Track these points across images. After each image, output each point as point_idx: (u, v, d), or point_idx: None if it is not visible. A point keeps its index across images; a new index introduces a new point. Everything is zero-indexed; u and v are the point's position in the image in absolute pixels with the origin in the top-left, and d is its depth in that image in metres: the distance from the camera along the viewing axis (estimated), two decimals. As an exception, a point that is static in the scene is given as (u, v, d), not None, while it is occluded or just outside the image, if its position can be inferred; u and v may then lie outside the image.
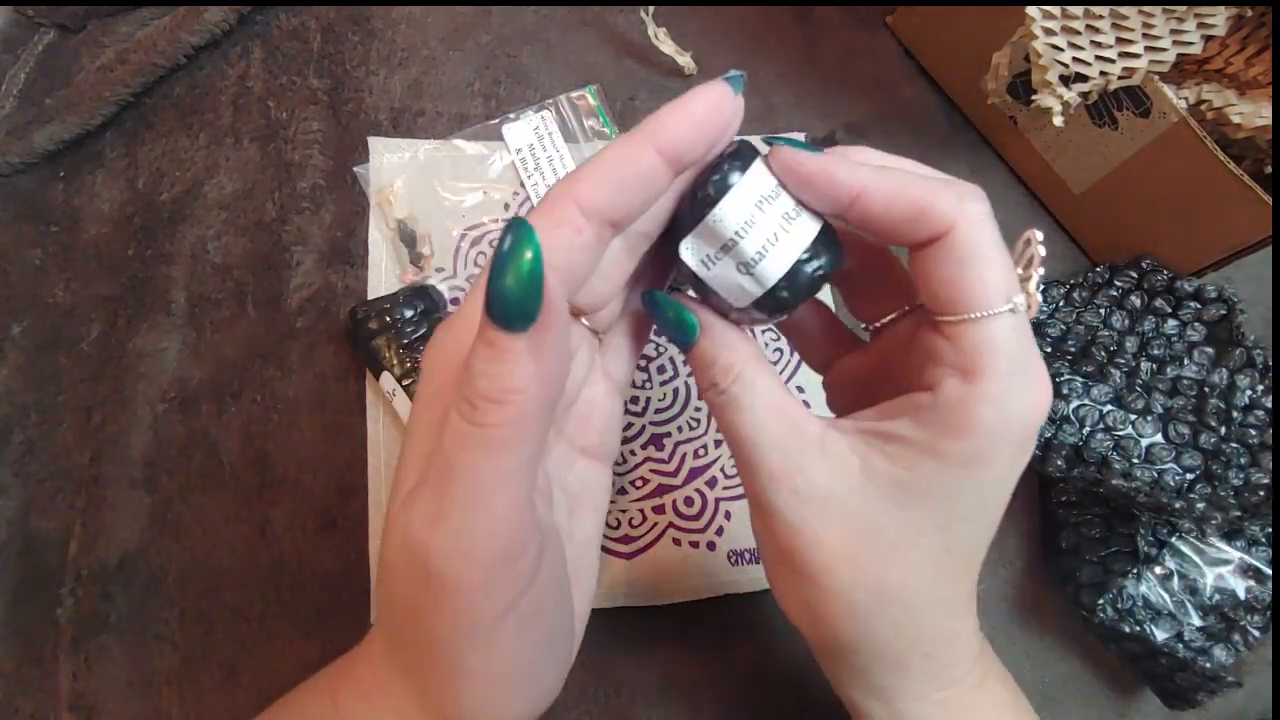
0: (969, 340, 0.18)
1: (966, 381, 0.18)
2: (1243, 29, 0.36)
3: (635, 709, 0.35)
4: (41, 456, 0.37)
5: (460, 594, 0.17)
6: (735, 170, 0.19)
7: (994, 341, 0.18)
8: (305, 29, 0.46)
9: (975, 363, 0.18)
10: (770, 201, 0.20)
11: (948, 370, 0.19)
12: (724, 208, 0.19)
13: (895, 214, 0.19)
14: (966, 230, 0.18)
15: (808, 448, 0.20)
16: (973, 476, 0.19)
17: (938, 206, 0.18)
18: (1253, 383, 0.38)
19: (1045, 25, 0.34)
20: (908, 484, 0.19)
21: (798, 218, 0.20)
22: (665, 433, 0.39)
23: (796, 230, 0.20)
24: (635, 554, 0.36)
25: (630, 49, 0.47)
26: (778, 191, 0.20)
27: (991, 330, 0.18)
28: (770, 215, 0.20)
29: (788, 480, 0.20)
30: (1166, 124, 0.36)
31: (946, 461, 0.19)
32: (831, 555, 0.20)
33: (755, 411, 0.20)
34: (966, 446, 0.19)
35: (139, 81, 0.43)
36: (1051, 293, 0.41)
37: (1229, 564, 0.36)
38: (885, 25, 0.49)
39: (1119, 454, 0.37)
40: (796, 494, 0.20)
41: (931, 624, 0.21)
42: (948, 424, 0.19)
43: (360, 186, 0.42)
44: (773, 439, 0.20)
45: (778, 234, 0.19)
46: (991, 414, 0.18)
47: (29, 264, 0.41)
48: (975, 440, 0.18)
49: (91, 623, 0.34)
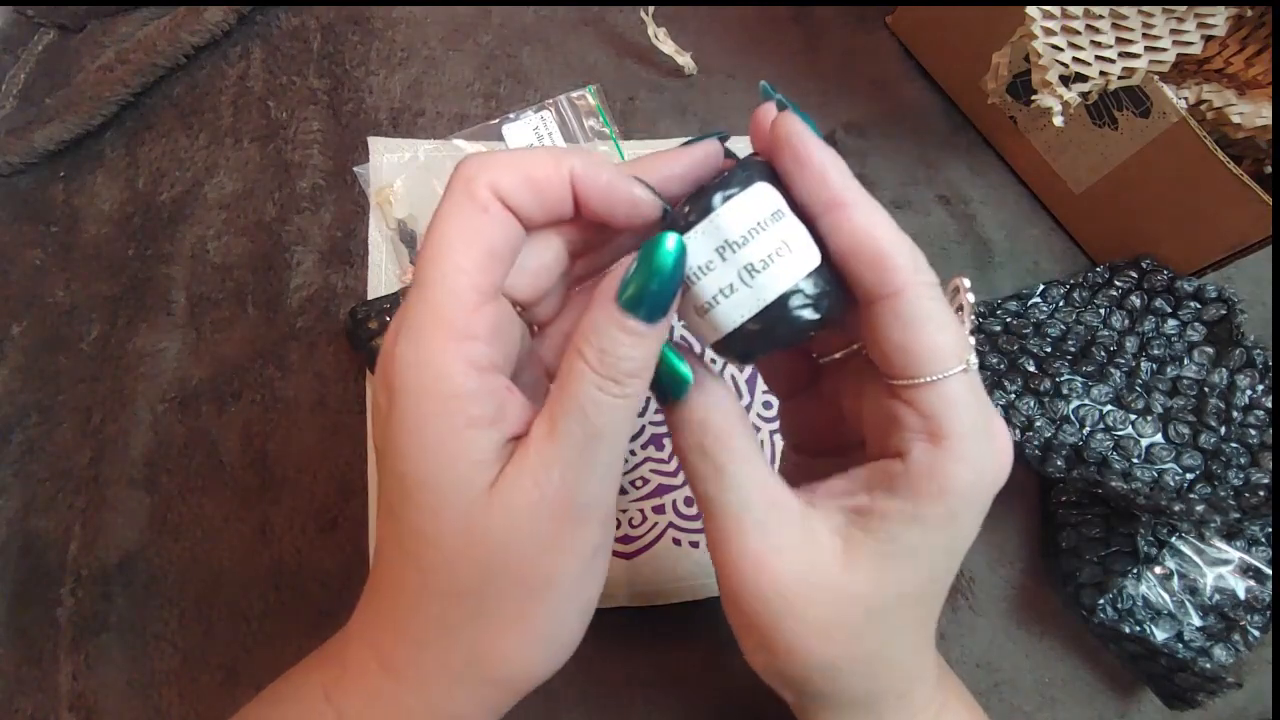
0: (929, 404, 0.19)
1: (934, 445, 0.19)
2: (1243, 29, 0.36)
3: (635, 709, 0.35)
4: (41, 456, 0.37)
5: (589, 533, 0.20)
6: (709, 200, 0.19)
7: (954, 402, 0.18)
8: (305, 29, 0.46)
9: (940, 426, 0.18)
10: (742, 243, 0.19)
11: (914, 435, 0.19)
12: (685, 247, 0.19)
13: (858, 249, 0.18)
14: (914, 294, 0.18)
15: (790, 530, 0.20)
16: (948, 534, 0.19)
17: (898, 262, 0.18)
18: (1253, 383, 0.38)
19: (1045, 25, 0.34)
20: (889, 554, 0.19)
21: (767, 269, 0.19)
22: (665, 433, 0.39)
23: (764, 281, 0.19)
24: (635, 554, 0.36)
25: (630, 49, 0.47)
26: (755, 230, 0.19)
27: (949, 391, 0.18)
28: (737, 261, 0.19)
29: (768, 561, 0.20)
30: (1166, 124, 0.36)
31: (926, 525, 0.19)
32: (814, 634, 0.20)
33: (741, 487, 0.20)
34: (943, 509, 0.19)
35: (139, 81, 0.43)
36: (1051, 293, 0.41)
37: (1229, 564, 0.36)
38: (885, 25, 0.49)
39: (1119, 454, 0.37)
40: (777, 577, 0.20)
41: (905, 670, 0.22)
42: (923, 491, 0.19)
43: (360, 186, 0.42)
44: (756, 517, 0.20)
45: (741, 278, 0.19)
46: (963, 473, 0.19)
47: (29, 264, 0.41)
48: (950, 501, 0.19)
49: (91, 623, 0.34)
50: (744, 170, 0.19)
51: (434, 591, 0.20)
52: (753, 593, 0.20)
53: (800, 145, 0.19)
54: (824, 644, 0.20)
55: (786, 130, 0.19)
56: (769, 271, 0.18)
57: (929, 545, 0.19)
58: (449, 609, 0.20)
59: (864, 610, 0.20)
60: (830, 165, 0.19)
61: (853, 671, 0.21)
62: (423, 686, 0.20)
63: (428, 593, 0.20)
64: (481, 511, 0.19)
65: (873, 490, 0.20)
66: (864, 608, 0.20)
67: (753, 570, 0.20)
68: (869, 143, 0.46)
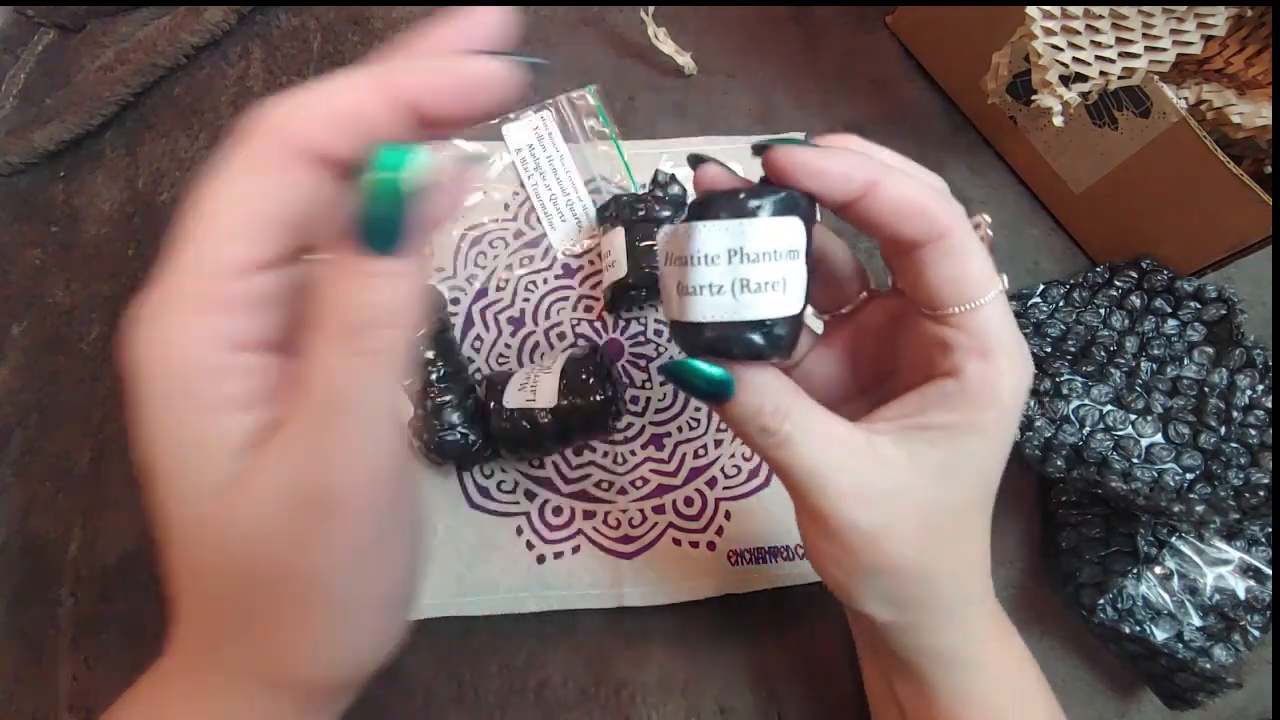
0: (977, 325, 0.21)
1: (985, 361, 0.21)
2: (1243, 29, 0.36)
3: (635, 709, 0.35)
4: (42, 457, 0.37)
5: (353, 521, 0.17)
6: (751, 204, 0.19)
7: (996, 321, 0.21)
8: (305, 29, 0.46)
9: (988, 343, 0.21)
10: (754, 260, 0.19)
11: (965, 355, 0.21)
12: (704, 230, 0.19)
13: (902, 210, 0.20)
14: (962, 231, 0.21)
15: (865, 460, 0.22)
16: (999, 437, 0.22)
17: (939, 209, 0.20)
18: (1252, 383, 0.38)
19: (1045, 25, 0.34)
20: (953, 463, 0.22)
21: (758, 293, 0.19)
22: (665, 433, 0.39)
23: (749, 301, 0.19)
24: (635, 554, 0.36)
25: (630, 49, 0.47)
26: (769, 255, 0.19)
27: (992, 313, 0.21)
28: (738, 271, 0.19)
29: (854, 494, 0.21)
30: (1166, 124, 0.36)
31: (984, 432, 0.22)
32: (911, 549, 0.22)
33: (812, 443, 0.21)
34: (997, 414, 0.21)
35: (139, 81, 0.43)
36: (1051, 293, 0.41)
37: (1229, 564, 0.36)
38: (885, 25, 0.49)
39: (1119, 454, 0.37)
40: (869, 505, 0.21)
41: (984, 572, 0.24)
42: (978, 400, 0.21)
43: (360, 186, 0.42)
44: (835, 463, 0.21)
45: (733, 287, 0.19)
46: (1009, 382, 0.21)
47: (29, 264, 0.41)
48: (999, 408, 0.21)
49: (91, 623, 0.34)
50: (788, 197, 0.20)
51: (200, 598, 0.18)
52: (850, 524, 0.21)
53: (811, 166, 0.20)
54: (920, 553, 0.22)
55: (788, 162, 0.20)
56: (761, 295, 0.19)
57: (986, 450, 0.22)
58: (220, 616, 0.18)
59: (948, 515, 0.22)
60: (844, 162, 0.20)
61: (943, 576, 0.23)
62: (220, 697, 0.19)
63: (196, 600, 0.19)
64: (224, 505, 0.17)
65: (928, 410, 0.22)
66: (945, 513, 0.22)
67: (846, 508, 0.21)
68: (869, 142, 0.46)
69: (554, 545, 0.36)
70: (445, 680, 0.35)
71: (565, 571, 0.36)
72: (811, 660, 0.36)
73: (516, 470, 0.38)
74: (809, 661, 0.36)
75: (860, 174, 0.20)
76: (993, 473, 0.23)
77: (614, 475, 0.38)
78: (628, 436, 0.39)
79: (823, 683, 0.36)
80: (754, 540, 0.37)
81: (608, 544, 0.37)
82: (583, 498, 0.37)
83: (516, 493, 0.37)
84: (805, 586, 0.37)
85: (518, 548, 0.36)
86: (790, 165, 0.20)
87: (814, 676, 0.36)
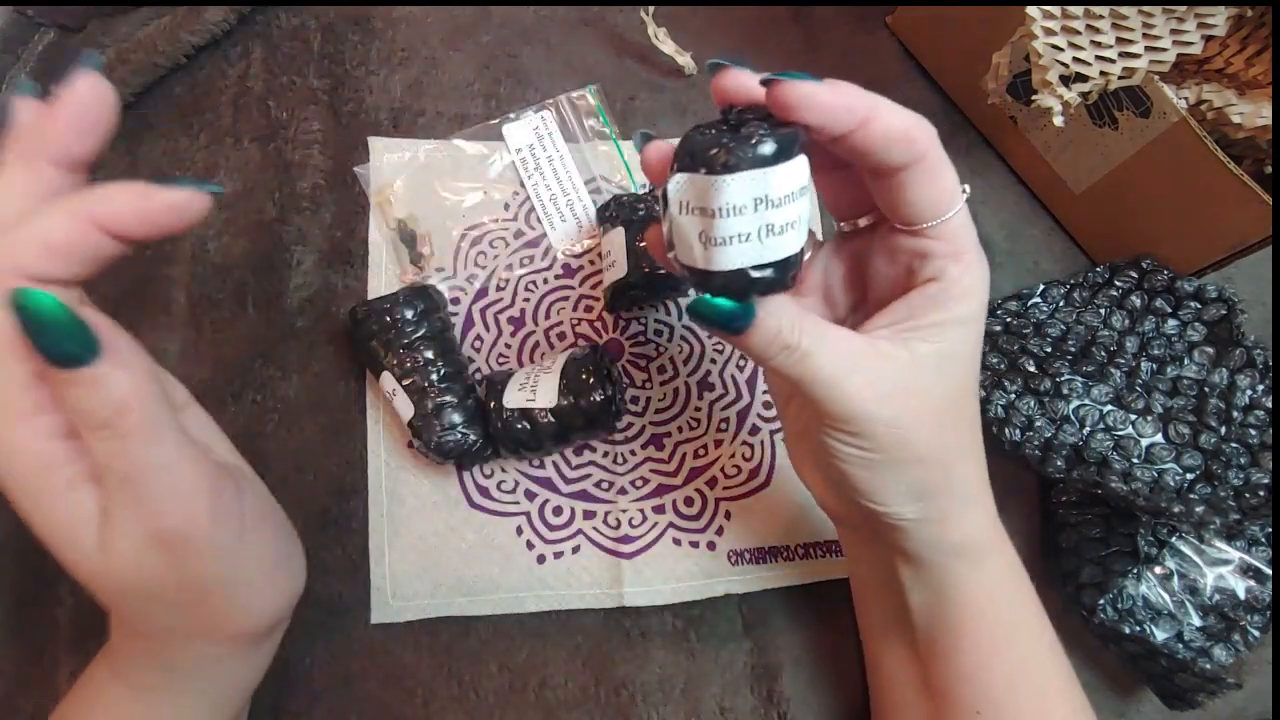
0: (951, 233, 0.24)
1: (960, 263, 0.24)
2: (1243, 29, 0.36)
3: (635, 709, 0.35)
4: (41, 456, 0.37)
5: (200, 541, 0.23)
6: (768, 150, 0.20)
7: (965, 226, 0.24)
8: (305, 29, 0.46)
9: (960, 247, 0.24)
10: (777, 205, 0.20)
11: (943, 260, 0.24)
12: (732, 183, 0.20)
13: (894, 136, 0.22)
14: (936, 152, 0.23)
15: (872, 360, 0.24)
16: (976, 328, 0.25)
17: (920, 134, 0.23)
18: (1253, 383, 0.38)
19: (1045, 25, 0.34)
20: (946, 353, 0.24)
21: (781, 234, 0.21)
22: (665, 433, 0.39)
23: (774, 244, 0.21)
24: (635, 554, 0.37)
25: (630, 49, 0.47)
26: (789, 198, 0.20)
27: (961, 220, 0.24)
28: (764, 217, 0.20)
29: (870, 391, 0.24)
30: (1167, 124, 0.36)
31: (966, 323, 0.25)
32: (929, 433, 0.25)
33: (826, 353, 0.23)
34: (975, 306, 0.25)
35: (139, 81, 0.43)
36: (1052, 293, 0.41)
37: (1229, 564, 0.36)
38: (885, 25, 0.49)
39: (1119, 454, 0.37)
40: (887, 399, 0.24)
41: (982, 459, 0.27)
42: (957, 295, 0.24)
43: (360, 186, 0.42)
44: (850, 365, 0.24)
45: (759, 233, 0.20)
46: (980, 278, 0.25)
47: (29, 264, 0.41)
48: (975, 298, 0.25)
49: (91, 623, 0.34)
50: (794, 134, 0.21)
51: (127, 610, 0.25)
52: (873, 418, 0.24)
53: (817, 101, 0.21)
54: (937, 437, 0.25)
55: (796, 96, 0.21)
56: (784, 236, 0.21)
57: (970, 338, 0.25)
58: (148, 616, 0.25)
59: (949, 401, 0.25)
60: (846, 97, 0.22)
61: (959, 459, 0.26)
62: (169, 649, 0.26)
63: (126, 612, 0.25)
64: (107, 560, 0.22)
65: (917, 312, 0.25)
66: (947, 400, 0.25)
67: (861, 403, 0.24)
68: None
69: (554, 545, 0.36)
70: (445, 680, 0.35)
71: (565, 571, 0.36)
72: (812, 660, 0.36)
73: (516, 470, 0.38)
74: (809, 661, 0.36)
75: (860, 106, 0.22)
76: (976, 358, 0.26)
77: (614, 475, 0.38)
78: (628, 436, 0.39)
79: (823, 683, 0.36)
80: (754, 540, 0.37)
81: (608, 544, 0.37)
82: (583, 498, 0.37)
83: (516, 493, 0.37)
84: (805, 586, 0.37)
85: (518, 547, 0.36)
86: (798, 100, 0.21)
87: (814, 676, 0.36)
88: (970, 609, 0.27)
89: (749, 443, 0.39)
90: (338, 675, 0.35)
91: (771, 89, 0.21)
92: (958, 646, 0.27)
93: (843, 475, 0.26)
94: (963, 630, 0.27)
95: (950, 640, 0.28)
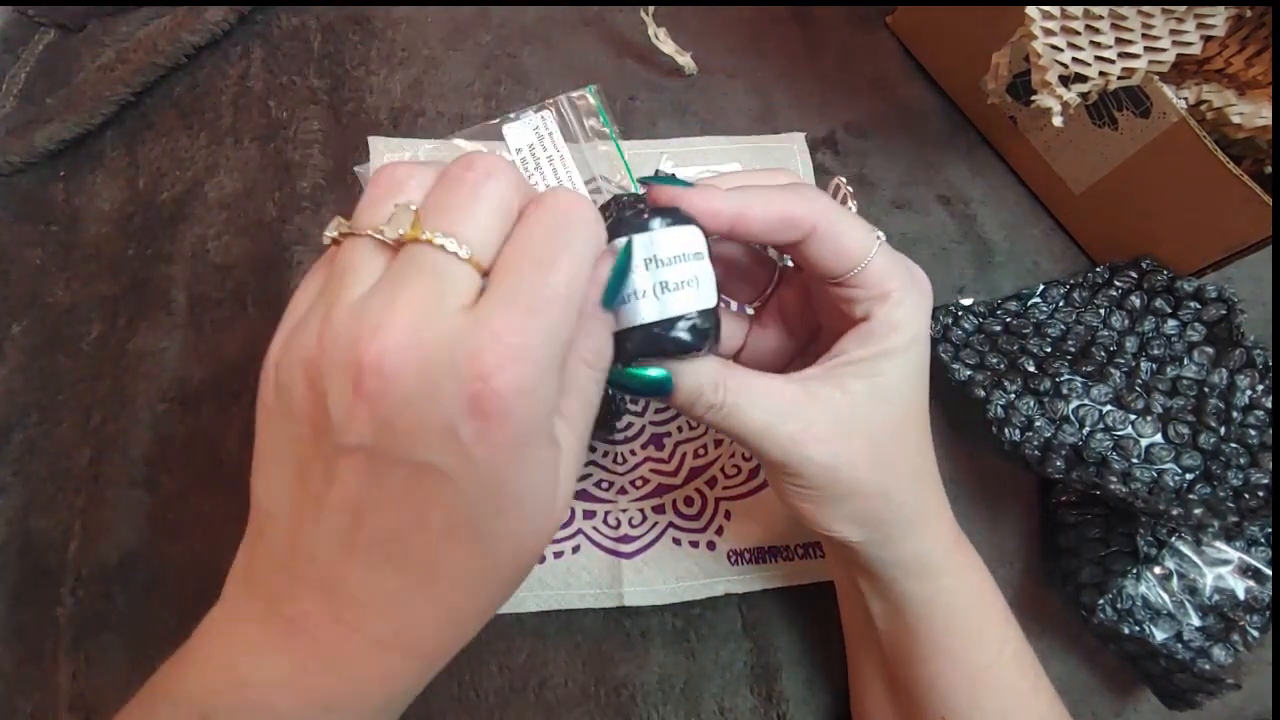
0: (869, 279, 0.24)
1: (885, 302, 0.25)
2: (1242, 29, 0.36)
3: (635, 709, 0.35)
4: (41, 456, 0.37)
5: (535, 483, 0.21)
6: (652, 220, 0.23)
7: (884, 268, 0.25)
8: (306, 29, 0.46)
9: (883, 288, 0.25)
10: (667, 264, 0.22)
11: (869, 303, 0.25)
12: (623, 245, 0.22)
13: (770, 224, 0.24)
14: (826, 220, 0.24)
15: (803, 404, 0.24)
16: (914, 355, 0.25)
17: (800, 211, 0.24)
18: (1252, 383, 0.38)
19: (1045, 25, 0.34)
20: (879, 387, 0.25)
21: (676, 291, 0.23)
22: (665, 433, 0.39)
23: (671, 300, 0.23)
24: (635, 554, 0.37)
25: (630, 49, 0.47)
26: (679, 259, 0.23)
27: (879, 264, 0.24)
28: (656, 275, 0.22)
29: (804, 435, 0.24)
30: (1166, 124, 0.36)
31: (897, 355, 0.25)
32: (864, 469, 0.25)
33: (756, 405, 0.24)
34: (906, 337, 0.25)
35: (139, 81, 0.43)
36: (1051, 293, 0.41)
37: (1228, 564, 0.36)
38: (885, 25, 0.49)
39: (1118, 454, 0.37)
40: (820, 441, 0.24)
41: (935, 485, 0.28)
42: (887, 329, 0.25)
43: (361, 186, 0.42)
44: (781, 413, 0.24)
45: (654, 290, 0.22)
46: (909, 310, 0.25)
47: (29, 263, 0.41)
48: (908, 331, 0.25)
49: (91, 623, 0.34)
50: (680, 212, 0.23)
51: None
52: (808, 461, 0.24)
53: (683, 203, 0.23)
54: (873, 471, 0.25)
55: (667, 197, 0.23)
56: (680, 293, 0.23)
57: (905, 369, 0.25)
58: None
59: (886, 433, 0.25)
60: (711, 203, 0.23)
61: (898, 488, 0.26)
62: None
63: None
64: None
65: (848, 350, 0.25)
66: (883, 431, 0.25)
67: (799, 447, 0.24)
68: (869, 143, 0.46)
69: (554, 545, 0.36)
70: (445, 680, 0.35)
71: (565, 571, 0.36)
72: (811, 660, 0.36)
73: (516, 470, 0.38)
74: (809, 661, 0.36)
75: (725, 211, 0.23)
76: (916, 390, 0.26)
77: (614, 475, 0.38)
78: (628, 436, 0.39)
79: (823, 683, 0.36)
80: (754, 540, 0.37)
81: (608, 544, 0.37)
82: (583, 497, 0.37)
83: (516, 493, 0.37)
84: (805, 586, 0.37)
85: (518, 547, 0.36)
86: (668, 200, 0.23)
87: (814, 676, 0.36)
88: (924, 621, 0.28)
89: (749, 443, 0.39)
90: (338, 675, 0.35)
91: (648, 189, 0.24)
92: (916, 654, 0.28)
93: (792, 505, 0.26)
94: (918, 639, 0.28)
95: (908, 646, 0.28)
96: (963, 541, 0.29)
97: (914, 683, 0.28)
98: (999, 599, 0.29)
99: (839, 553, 0.29)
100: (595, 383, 0.22)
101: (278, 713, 0.20)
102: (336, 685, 0.20)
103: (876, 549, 0.27)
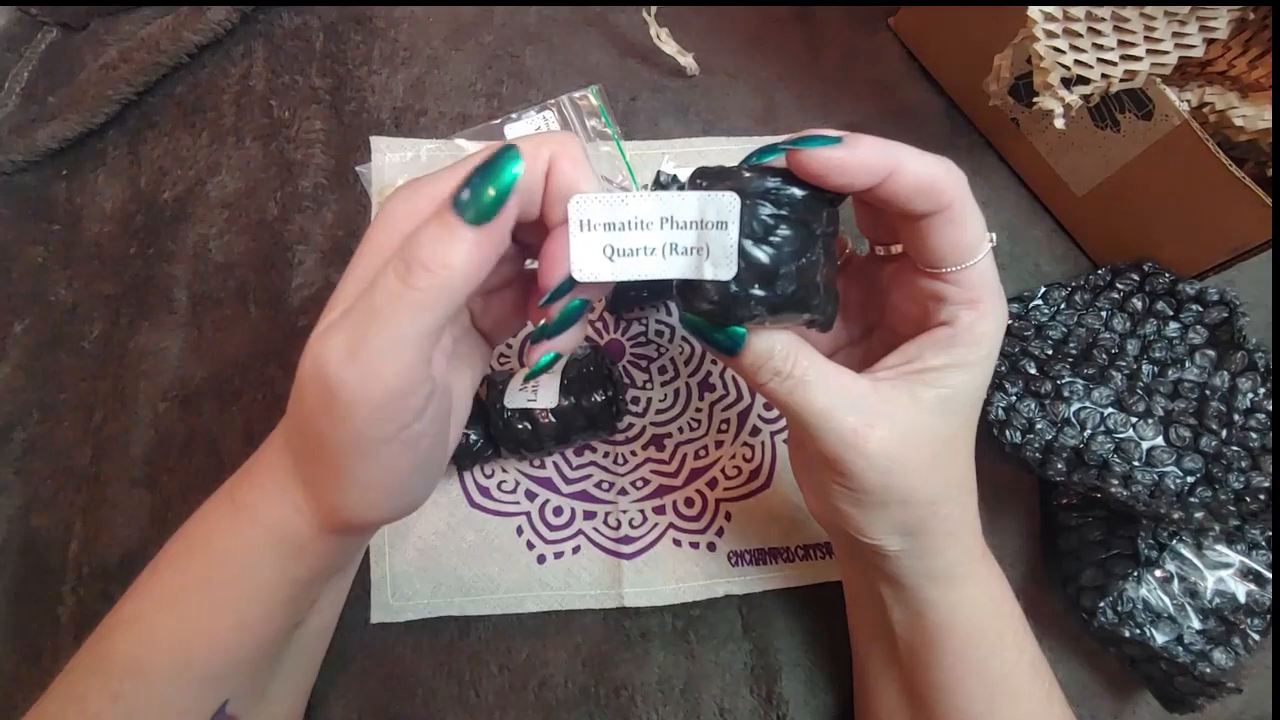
0: (971, 280, 0.24)
1: (975, 310, 0.24)
2: (1245, 31, 0.36)
3: (635, 709, 0.35)
4: (43, 454, 0.37)
5: (355, 420, 0.21)
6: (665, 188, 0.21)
7: (986, 275, 0.24)
8: (308, 28, 0.46)
9: (978, 294, 0.24)
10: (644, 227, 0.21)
11: (959, 306, 0.24)
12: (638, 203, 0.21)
13: (921, 186, 0.23)
14: (961, 202, 0.23)
15: (871, 402, 0.24)
16: (983, 371, 0.25)
17: (946, 184, 0.23)
18: (1254, 386, 0.38)
19: (1047, 27, 0.34)
20: (948, 398, 0.25)
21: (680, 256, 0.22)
22: (666, 433, 0.39)
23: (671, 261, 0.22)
24: (635, 554, 0.37)
25: (632, 49, 0.47)
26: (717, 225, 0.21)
27: (983, 268, 0.24)
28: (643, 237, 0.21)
29: (869, 433, 0.24)
30: (1169, 126, 0.36)
31: (970, 369, 0.25)
32: (919, 478, 0.25)
33: (824, 387, 0.24)
34: (983, 353, 0.25)
35: (141, 80, 0.43)
36: (1053, 295, 0.41)
37: (1229, 567, 0.36)
38: (887, 26, 0.49)
39: (1120, 457, 0.37)
40: (881, 442, 0.24)
41: (972, 491, 0.27)
42: (967, 343, 0.24)
43: (362, 185, 0.42)
44: (847, 404, 0.24)
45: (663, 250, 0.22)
46: (991, 326, 0.25)
47: (31, 262, 0.41)
48: (985, 347, 0.25)
49: (92, 621, 0.34)
50: (740, 177, 0.22)
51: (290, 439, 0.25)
52: (865, 462, 0.24)
53: (837, 166, 0.22)
54: (926, 482, 0.25)
55: (817, 164, 0.22)
56: (682, 258, 0.22)
57: (975, 383, 0.25)
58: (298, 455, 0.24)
59: (944, 443, 0.25)
60: (865, 158, 0.22)
61: (947, 499, 0.26)
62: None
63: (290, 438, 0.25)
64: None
65: (925, 355, 0.25)
66: (942, 442, 0.25)
67: (859, 444, 0.24)
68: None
69: (554, 545, 0.37)
70: (445, 680, 0.35)
71: (565, 571, 0.36)
72: (811, 661, 0.36)
73: (517, 470, 0.38)
74: (809, 662, 0.36)
75: (880, 166, 0.22)
76: (976, 405, 0.26)
77: (614, 476, 0.38)
78: (628, 437, 0.39)
79: (822, 684, 0.36)
80: (754, 541, 0.37)
81: (608, 544, 0.37)
82: (583, 498, 0.37)
83: (517, 493, 0.37)
84: (805, 588, 0.37)
85: (518, 548, 0.36)
86: (819, 168, 0.22)
87: (814, 677, 0.36)
88: (945, 629, 0.27)
89: (750, 444, 0.39)
90: (338, 675, 0.35)
91: (791, 157, 0.22)
92: (936, 661, 0.28)
93: (832, 505, 0.26)
94: (940, 647, 0.28)
95: (928, 654, 0.28)
96: (987, 551, 0.29)
97: (931, 689, 0.28)
98: (1017, 608, 0.29)
99: (865, 558, 0.28)
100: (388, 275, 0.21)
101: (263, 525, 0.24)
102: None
103: (912, 559, 0.26)
